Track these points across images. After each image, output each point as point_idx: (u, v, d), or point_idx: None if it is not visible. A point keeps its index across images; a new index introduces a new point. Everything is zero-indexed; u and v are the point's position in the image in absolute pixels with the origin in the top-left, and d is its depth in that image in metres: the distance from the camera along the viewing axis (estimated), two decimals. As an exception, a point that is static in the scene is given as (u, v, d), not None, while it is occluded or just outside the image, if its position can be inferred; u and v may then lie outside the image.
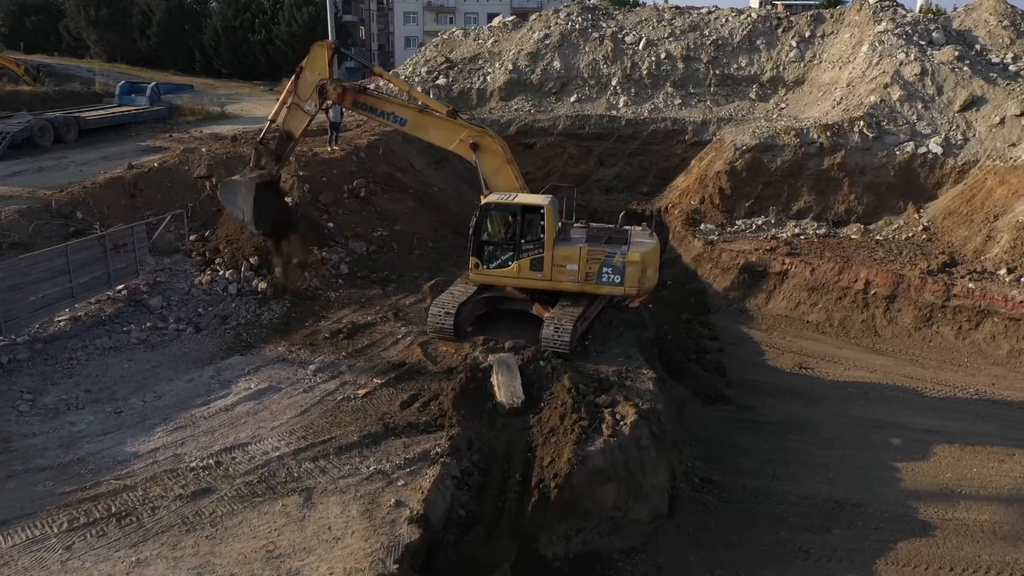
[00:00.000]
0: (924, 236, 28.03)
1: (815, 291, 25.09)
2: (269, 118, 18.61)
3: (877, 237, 28.55)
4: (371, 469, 12.70)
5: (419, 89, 38.16)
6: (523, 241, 17.63)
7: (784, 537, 14.27)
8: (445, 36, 43.01)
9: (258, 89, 48.96)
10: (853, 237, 28.66)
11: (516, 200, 17.74)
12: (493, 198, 17.78)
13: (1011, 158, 28.17)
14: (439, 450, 13.26)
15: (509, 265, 17.83)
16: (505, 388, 15.50)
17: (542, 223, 17.44)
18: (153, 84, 36.07)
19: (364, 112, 19.13)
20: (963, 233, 27.13)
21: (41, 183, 23.73)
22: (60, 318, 17.84)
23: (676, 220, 30.71)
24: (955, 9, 38.38)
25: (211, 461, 12.72)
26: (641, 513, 13.95)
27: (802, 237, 28.70)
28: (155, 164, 24.59)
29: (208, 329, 18.08)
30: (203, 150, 25.95)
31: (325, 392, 15.28)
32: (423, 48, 43.64)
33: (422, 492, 12.10)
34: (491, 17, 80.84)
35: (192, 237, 22.10)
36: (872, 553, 13.80)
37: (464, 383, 15.49)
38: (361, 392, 15.24)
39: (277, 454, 12.99)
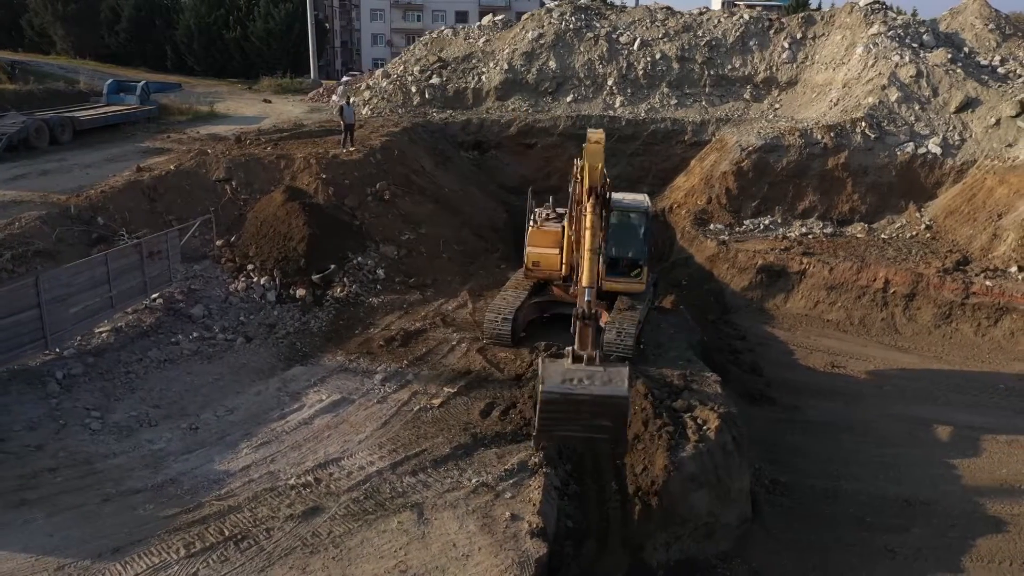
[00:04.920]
0: (928, 235, 28.75)
1: (834, 290, 25.54)
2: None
3: (882, 236, 29.18)
4: (474, 482, 12.50)
5: (413, 89, 37.84)
6: None
7: (867, 537, 14.49)
8: (434, 35, 42.52)
9: (236, 87, 47.70)
10: (859, 236, 29.24)
11: None
12: None
13: (1009, 158, 29.07)
14: (536, 460, 13.12)
15: None
16: (580, 395, 15.37)
17: None
18: (143, 83, 34.88)
19: None
20: (967, 232, 27.91)
21: (49, 187, 22.74)
22: (101, 329, 17.15)
23: (684, 220, 30.91)
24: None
25: (309, 478, 12.36)
26: (730, 517, 14.02)
27: (810, 236, 29.18)
28: (171, 167, 23.78)
29: (259, 339, 17.57)
30: (218, 152, 25.19)
31: (399, 402, 14.99)
32: (412, 47, 43.10)
33: (534, 504, 11.95)
34: (459, 15, 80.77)
35: (219, 242, 21.46)
36: (955, 551, 14.10)
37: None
38: (436, 402, 14.99)
39: (374, 469, 12.69)
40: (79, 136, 29.00)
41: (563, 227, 18.94)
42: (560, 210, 20.54)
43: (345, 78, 57.29)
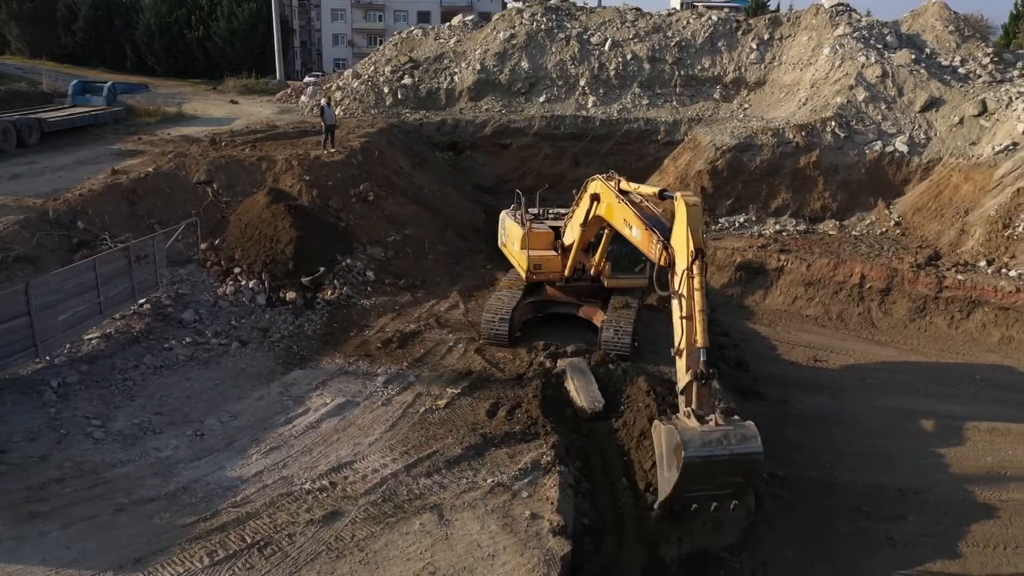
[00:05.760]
0: (898, 231, 29.54)
1: (811, 286, 26.08)
2: None
3: (853, 233, 29.91)
4: (489, 482, 12.53)
5: (385, 89, 37.65)
6: None
7: (866, 527, 14.81)
8: (403, 35, 42.37)
9: (200, 88, 46.90)
10: (831, 233, 29.93)
11: None
12: None
13: (973, 156, 30.00)
14: (548, 459, 13.20)
15: None
16: (584, 393, 15.53)
17: None
18: (110, 84, 34.06)
19: None
20: (935, 228, 28.74)
21: (22, 191, 22.14)
22: (90, 336, 16.78)
23: (660, 219, 31.24)
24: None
25: (325, 482, 12.27)
26: (738, 510, 14.21)
27: (784, 234, 29.78)
28: (149, 170, 23.34)
29: (254, 343, 17.35)
30: (196, 154, 24.79)
31: (404, 404, 14.95)
32: (382, 47, 42.86)
33: (551, 503, 12.04)
34: (421, 15, 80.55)
35: (203, 246, 21.12)
36: (951, 537, 14.48)
37: (542, 389, 15.47)
38: (442, 403, 14.99)
39: (389, 471, 12.64)
40: (46, 138, 28.24)
41: (556, 228, 19.11)
42: (554, 210, 20.67)
43: (308, 79, 56.77)
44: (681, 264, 12.10)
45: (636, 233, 14.04)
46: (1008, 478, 16.48)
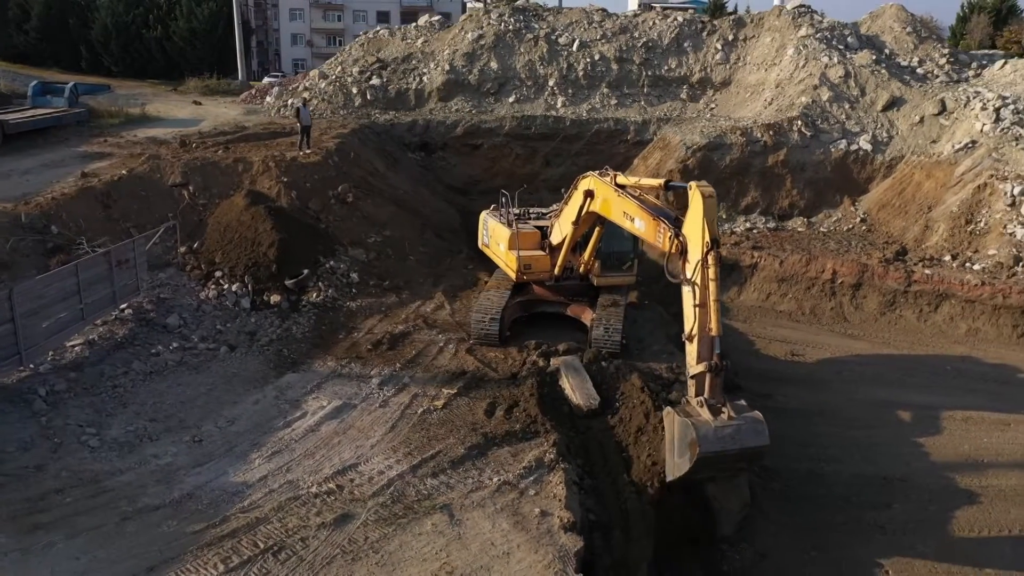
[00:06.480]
0: (864, 227, 30.31)
1: (784, 282, 26.64)
2: None
3: (821, 229, 30.61)
4: (495, 481, 12.59)
5: (353, 90, 37.39)
6: None
7: (856, 515, 15.22)
8: (370, 35, 42.10)
9: (160, 88, 46.00)
10: (800, 230, 30.59)
11: None
12: None
13: (933, 153, 30.92)
14: (551, 456, 13.30)
15: None
16: (579, 391, 15.68)
17: None
18: (71, 84, 33.24)
19: None
20: (900, 224, 29.56)
21: (-12, 195, 21.56)
22: (73, 343, 16.40)
23: (633, 218, 31.57)
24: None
25: (331, 485, 12.20)
26: (734, 503, 14.51)
27: (754, 231, 30.34)
28: (123, 172, 22.88)
29: (242, 347, 17.14)
30: (169, 156, 24.37)
31: (402, 406, 14.92)
32: (349, 47, 42.48)
33: (559, 500, 12.13)
34: (380, 15, 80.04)
35: (182, 249, 20.77)
36: (937, 523, 14.96)
37: (538, 388, 15.56)
38: (439, 404, 14.99)
39: (395, 473, 12.61)
40: (8, 140, 27.47)
41: (542, 228, 19.22)
42: (535, 210, 20.80)
43: (268, 79, 55.99)
44: (696, 254, 12.32)
45: (640, 224, 14.22)
46: (986, 465, 17.05)
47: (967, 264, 25.86)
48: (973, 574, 13.83)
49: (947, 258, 26.35)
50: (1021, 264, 25.14)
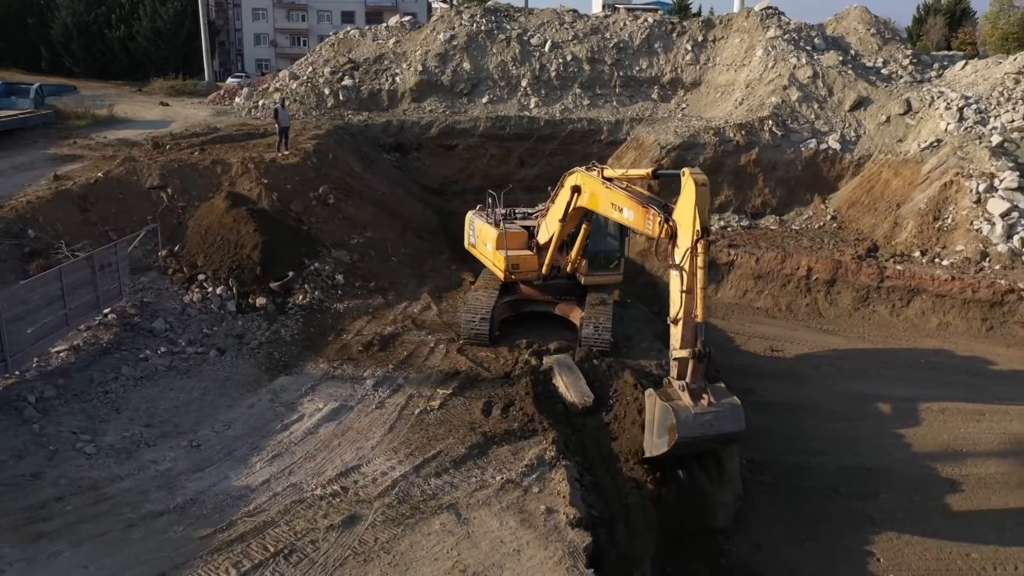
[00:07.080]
0: (834, 225, 30.92)
1: (761, 279, 27.11)
2: None
3: (793, 227, 31.16)
4: (499, 479, 12.68)
5: (326, 91, 37.13)
6: None
7: (845, 506, 15.61)
8: (340, 35, 41.78)
9: (125, 89, 45.17)
10: (772, 228, 31.12)
11: None
12: None
13: (900, 152, 31.65)
14: (551, 454, 13.42)
15: None
16: (573, 389, 15.81)
17: None
18: (36, 85, 32.55)
19: None
20: (870, 221, 30.21)
21: (-43, 198, 21.06)
22: (58, 349, 16.10)
23: (609, 217, 31.86)
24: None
25: (336, 487, 12.18)
26: (728, 496, 14.78)
27: (728, 229, 30.78)
28: (99, 175, 22.46)
29: (232, 350, 16.98)
30: (144, 158, 24.00)
31: (398, 406, 14.93)
32: (319, 47, 42.14)
33: (564, 496, 12.26)
34: (345, 15, 79.54)
35: (163, 252, 20.47)
36: (924, 512, 15.42)
37: (533, 387, 15.68)
38: (435, 404, 15.03)
39: (398, 473, 12.64)
40: (-26, 143, 26.88)
41: (528, 228, 19.33)
42: (520, 210, 20.90)
43: (231, 80, 55.26)
44: (686, 241, 12.57)
45: (628, 214, 14.44)
46: (964, 454, 17.58)
47: (936, 260, 26.56)
48: (959, 558, 14.30)
49: (916, 254, 27.03)
50: (988, 259, 25.90)
